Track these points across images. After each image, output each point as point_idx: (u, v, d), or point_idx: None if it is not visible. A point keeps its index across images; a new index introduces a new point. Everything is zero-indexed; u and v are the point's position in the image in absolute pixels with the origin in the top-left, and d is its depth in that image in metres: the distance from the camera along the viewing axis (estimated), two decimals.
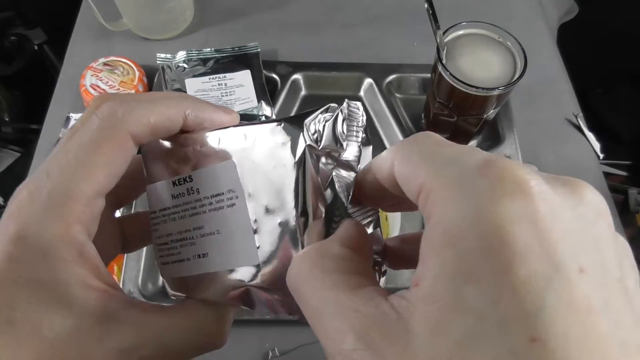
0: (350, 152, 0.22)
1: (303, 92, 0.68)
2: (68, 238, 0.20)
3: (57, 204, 0.20)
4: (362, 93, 0.68)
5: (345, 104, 0.22)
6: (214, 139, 0.23)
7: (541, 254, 0.13)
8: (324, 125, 0.21)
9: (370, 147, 0.23)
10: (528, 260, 0.13)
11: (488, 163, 0.15)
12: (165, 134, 0.23)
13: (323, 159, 0.21)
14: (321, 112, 0.21)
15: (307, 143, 0.20)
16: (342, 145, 0.21)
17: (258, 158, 0.21)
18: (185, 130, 0.24)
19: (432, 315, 0.14)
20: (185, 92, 0.64)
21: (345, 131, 0.21)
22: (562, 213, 0.14)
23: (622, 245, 0.16)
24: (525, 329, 0.13)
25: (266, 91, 0.65)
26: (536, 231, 0.14)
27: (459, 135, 0.60)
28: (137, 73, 0.65)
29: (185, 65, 0.66)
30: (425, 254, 0.15)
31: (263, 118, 0.62)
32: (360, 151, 0.22)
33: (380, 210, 0.24)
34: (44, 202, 0.20)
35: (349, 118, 0.22)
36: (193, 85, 0.64)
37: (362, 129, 0.22)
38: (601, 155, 0.64)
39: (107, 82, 0.64)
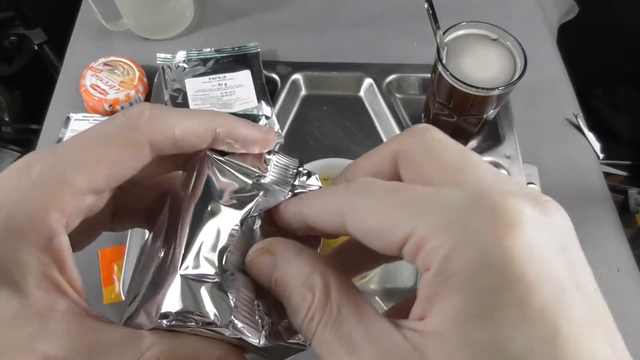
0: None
1: (303, 92, 0.68)
2: (42, 223, 0.19)
3: (45, 185, 0.19)
4: (362, 93, 0.68)
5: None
6: None
7: (548, 280, 0.14)
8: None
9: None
10: (539, 290, 0.14)
11: (475, 198, 0.15)
12: (190, 148, 0.22)
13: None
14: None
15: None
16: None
17: None
18: (214, 148, 0.23)
19: (444, 353, 0.14)
20: (185, 92, 0.64)
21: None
22: (548, 236, 0.15)
23: (581, 254, 0.17)
24: (547, 354, 0.13)
25: (266, 91, 0.65)
26: (539, 260, 0.14)
27: (459, 135, 0.60)
28: (137, 73, 0.65)
29: (185, 65, 0.66)
30: (432, 296, 0.15)
31: (263, 118, 0.62)
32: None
33: None
34: (34, 178, 0.19)
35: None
36: (193, 85, 0.64)
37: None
38: (601, 155, 0.64)
39: (107, 82, 0.64)
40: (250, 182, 0.23)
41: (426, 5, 0.50)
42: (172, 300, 0.19)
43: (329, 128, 0.65)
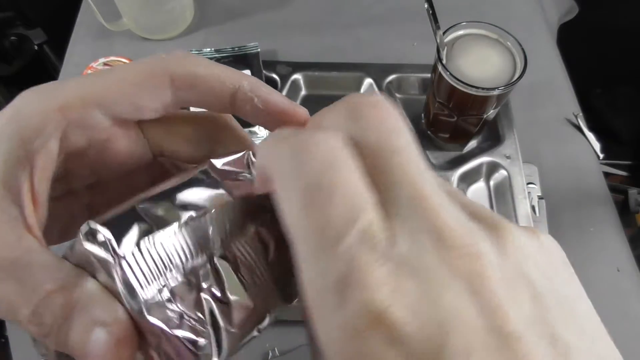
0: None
1: (303, 92, 0.68)
2: (36, 115, 0.19)
3: (55, 89, 0.20)
4: (362, 93, 0.68)
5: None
6: None
7: None
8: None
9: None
10: None
11: (343, 290, 0.14)
12: (209, 95, 0.22)
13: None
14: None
15: None
16: None
17: None
18: (234, 102, 0.22)
19: None
20: None
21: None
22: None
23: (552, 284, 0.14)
24: None
25: None
26: None
27: (459, 135, 0.61)
28: None
29: None
30: None
31: None
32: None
33: None
34: (51, 87, 0.20)
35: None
36: None
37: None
38: (601, 155, 0.64)
39: None
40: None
41: (426, 5, 0.50)
42: (104, 220, 0.17)
43: None
